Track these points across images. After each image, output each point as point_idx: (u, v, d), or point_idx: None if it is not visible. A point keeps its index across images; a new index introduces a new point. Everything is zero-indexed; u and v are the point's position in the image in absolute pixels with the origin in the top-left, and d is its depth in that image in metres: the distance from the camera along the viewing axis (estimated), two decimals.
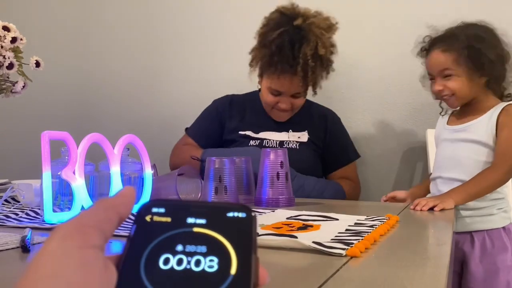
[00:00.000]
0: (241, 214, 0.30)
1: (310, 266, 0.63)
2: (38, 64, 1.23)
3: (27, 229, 0.73)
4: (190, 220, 0.30)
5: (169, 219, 0.30)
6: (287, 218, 0.96)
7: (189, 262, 0.28)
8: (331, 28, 1.61)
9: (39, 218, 0.96)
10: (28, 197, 1.13)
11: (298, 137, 1.71)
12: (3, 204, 1.14)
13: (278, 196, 1.21)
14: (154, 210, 0.30)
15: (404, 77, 1.93)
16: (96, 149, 0.98)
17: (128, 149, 1.10)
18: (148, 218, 0.30)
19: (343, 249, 0.66)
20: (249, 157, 1.31)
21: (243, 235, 0.29)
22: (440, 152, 1.50)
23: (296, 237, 0.73)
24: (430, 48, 1.46)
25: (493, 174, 1.33)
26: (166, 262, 0.28)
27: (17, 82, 1.20)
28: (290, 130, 1.72)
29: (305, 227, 0.85)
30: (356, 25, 1.96)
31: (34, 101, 2.27)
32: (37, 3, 2.54)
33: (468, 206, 1.38)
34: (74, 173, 0.92)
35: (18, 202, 1.17)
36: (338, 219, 0.95)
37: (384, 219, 0.93)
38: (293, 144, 1.69)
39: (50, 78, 2.17)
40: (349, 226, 0.87)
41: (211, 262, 0.28)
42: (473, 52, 1.38)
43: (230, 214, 0.30)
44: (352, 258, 0.64)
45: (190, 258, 0.28)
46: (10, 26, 1.17)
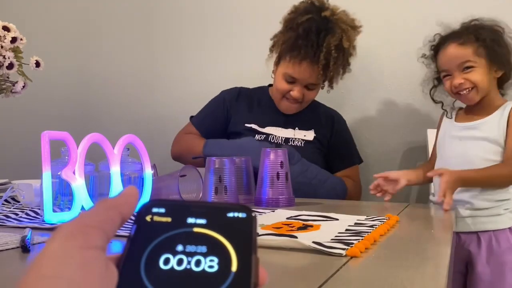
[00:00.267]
0: (241, 214, 0.30)
1: (310, 266, 0.64)
2: (38, 64, 1.23)
3: (27, 229, 0.73)
4: (190, 220, 0.30)
5: (169, 219, 0.30)
6: (287, 218, 0.96)
7: (189, 262, 0.28)
8: (356, 28, 1.63)
9: (39, 218, 0.96)
10: (28, 197, 1.13)
11: (304, 135, 1.70)
12: (3, 204, 1.14)
13: (278, 196, 1.21)
14: (154, 210, 0.30)
15: (404, 77, 1.93)
16: (96, 149, 0.98)
17: (128, 149, 1.10)
18: (148, 218, 0.30)
19: (343, 249, 0.66)
20: (249, 157, 1.31)
21: (243, 235, 0.29)
22: (447, 149, 1.48)
23: (296, 237, 0.73)
24: (445, 43, 1.45)
25: (505, 168, 1.33)
26: (167, 262, 0.28)
27: (17, 82, 1.20)
28: (297, 127, 1.71)
29: (305, 227, 0.86)
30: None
31: (34, 101, 2.26)
32: (37, 3, 2.54)
33: (474, 206, 1.37)
34: (74, 173, 0.92)
35: (18, 202, 1.17)
36: (338, 219, 0.95)
37: (384, 219, 0.93)
38: (298, 141, 1.68)
39: (50, 78, 2.17)
40: (349, 226, 0.87)
41: (211, 262, 0.28)
42: (491, 43, 1.39)
43: (230, 214, 0.30)
44: (352, 258, 0.64)
45: (190, 258, 0.28)
46: (10, 26, 1.16)
